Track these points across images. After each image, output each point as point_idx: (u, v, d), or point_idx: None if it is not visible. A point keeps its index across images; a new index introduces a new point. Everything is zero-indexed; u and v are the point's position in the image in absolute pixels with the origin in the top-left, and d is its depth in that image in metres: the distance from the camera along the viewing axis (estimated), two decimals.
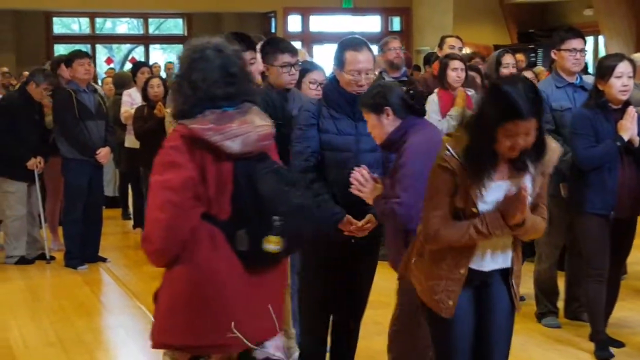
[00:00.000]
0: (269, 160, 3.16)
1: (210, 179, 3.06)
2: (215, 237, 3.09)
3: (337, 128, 4.37)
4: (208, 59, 3.15)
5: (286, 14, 19.15)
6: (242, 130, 3.06)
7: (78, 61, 8.03)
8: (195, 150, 3.06)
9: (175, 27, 21.22)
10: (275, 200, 3.05)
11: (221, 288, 3.09)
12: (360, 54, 4.37)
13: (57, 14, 19.76)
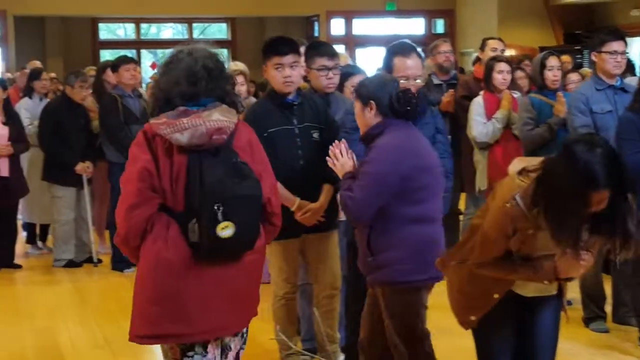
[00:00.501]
0: (223, 154, 3.20)
1: (165, 172, 3.17)
2: (170, 228, 3.18)
3: None
4: (177, 61, 3.32)
5: (329, 17, 19.16)
6: (192, 123, 3.14)
7: (124, 66, 8.12)
8: (152, 144, 3.20)
9: (219, 31, 21.33)
10: (216, 192, 3.11)
11: (174, 279, 3.16)
12: (409, 60, 4.39)
13: (103, 20, 19.98)
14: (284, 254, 4.85)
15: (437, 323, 4.39)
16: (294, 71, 4.72)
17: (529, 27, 17.47)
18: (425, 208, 3.98)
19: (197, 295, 3.18)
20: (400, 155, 3.94)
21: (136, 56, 18.87)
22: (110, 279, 7.95)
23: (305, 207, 4.70)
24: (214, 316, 3.22)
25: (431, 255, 3.87)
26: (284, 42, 4.84)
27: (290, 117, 4.77)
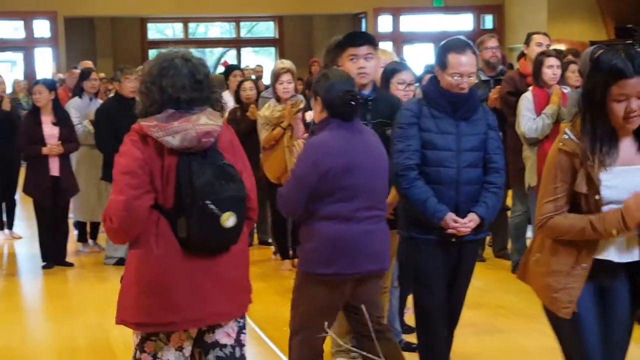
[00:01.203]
0: (212, 156, 3.39)
1: (157, 171, 3.36)
2: (160, 224, 3.37)
3: (438, 127, 4.37)
4: (177, 67, 3.46)
5: (376, 14, 19.13)
6: (182, 127, 3.34)
7: None
8: (145, 144, 3.38)
9: (266, 30, 21.41)
10: (205, 191, 3.30)
11: (162, 272, 3.36)
12: (463, 57, 4.35)
13: (152, 20, 20.18)
14: None
15: None
16: (368, 62, 4.69)
17: (579, 21, 17.26)
18: (341, 207, 4.10)
19: (186, 286, 3.38)
20: (321, 156, 4.08)
21: None
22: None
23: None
24: (205, 306, 3.41)
25: (338, 253, 4.09)
26: (360, 34, 4.89)
27: (363, 111, 4.64)
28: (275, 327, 6.16)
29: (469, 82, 4.39)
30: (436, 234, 4.36)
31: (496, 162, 4.44)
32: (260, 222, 9.24)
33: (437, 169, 4.35)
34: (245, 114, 8.74)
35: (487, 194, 4.41)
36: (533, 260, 3.50)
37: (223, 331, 3.52)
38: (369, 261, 4.17)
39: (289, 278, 7.71)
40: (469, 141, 4.38)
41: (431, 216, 4.30)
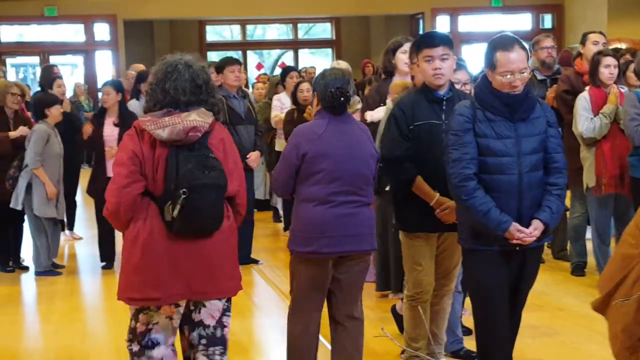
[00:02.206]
0: (198, 149, 3.79)
1: (148, 161, 3.78)
2: (150, 209, 3.79)
3: (495, 131, 4.14)
4: (179, 72, 3.89)
5: (434, 14, 19.03)
6: (171, 122, 3.75)
7: (229, 68, 8.20)
8: (141, 138, 3.81)
9: (323, 31, 21.43)
10: (187, 179, 3.72)
11: (149, 252, 3.78)
12: (512, 54, 4.13)
13: (210, 22, 20.33)
14: (420, 249, 4.78)
15: None
16: (444, 63, 4.65)
17: None
18: (318, 190, 4.48)
19: (170, 266, 3.79)
20: (301, 139, 4.54)
21: (242, 57, 19.14)
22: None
23: (445, 203, 4.60)
24: (185, 284, 3.82)
25: (316, 233, 4.47)
26: (436, 34, 4.85)
27: (438, 111, 4.67)
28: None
29: (522, 79, 4.15)
30: (499, 245, 4.17)
31: (558, 161, 4.23)
32: None
33: (497, 176, 4.13)
34: (302, 115, 8.76)
35: (551, 198, 4.19)
36: (615, 303, 3.20)
37: (207, 312, 3.94)
38: (347, 242, 4.50)
39: None
40: (529, 143, 4.16)
41: (495, 228, 4.10)
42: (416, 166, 4.65)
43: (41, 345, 6.10)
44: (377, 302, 6.78)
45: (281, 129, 9.27)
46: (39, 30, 18.71)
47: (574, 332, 5.83)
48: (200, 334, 3.96)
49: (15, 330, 6.60)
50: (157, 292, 3.79)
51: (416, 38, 4.93)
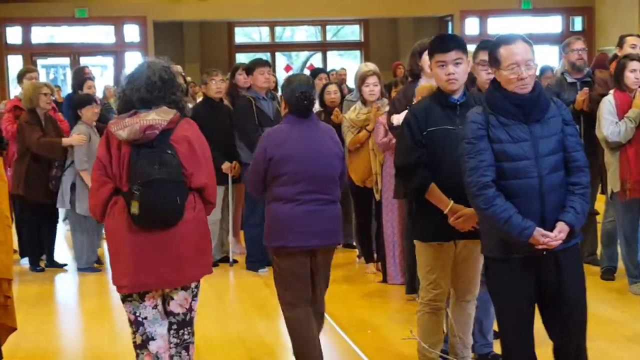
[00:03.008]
0: (157, 146, 4.09)
1: (115, 161, 4.12)
2: (118, 204, 4.14)
3: (510, 135, 4.01)
4: (139, 72, 4.21)
5: (463, 17, 18.96)
6: (131, 122, 4.07)
7: (259, 69, 8.23)
8: (109, 140, 4.16)
9: (352, 33, 21.42)
10: (139, 174, 4.04)
11: (121, 243, 4.16)
12: (514, 46, 4.02)
13: (239, 24, 20.38)
14: (435, 257, 4.69)
15: None
16: (457, 68, 4.52)
17: None
18: (286, 190, 4.88)
19: (138, 255, 4.12)
20: (268, 144, 4.95)
21: (270, 59, 19.16)
22: (245, 279, 8.07)
23: (459, 211, 4.49)
24: (151, 273, 4.14)
25: (284, 229, 4.89)
26: (448, 38, 4.76)
27: (452, 117, 4.56)
28: (359, 331, 6.16)
29: (530, 74, 4.01)
30: (524, 252, 4.02)
31: (578, 159, 4.09)
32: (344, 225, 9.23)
33: (517, 181, 4.00)
34: (330, 117, 8.76)
35: (574, 198, 4.04)
36: None
37: (176, 303, 4.31)
38: (314, 237, 4.92)
39: (373, 282, 7.71)
40: (547, 144, 4.01)
41: (518, 235, 3.96)
42: (430, 173, 4.55)
43: (70, 345, 6.15)
44: (404, 304, 6.78)
45: None
46: (69, 32, 18.84)
47: (603, 337, 5.78)
48: (171, 321, 4.35)
49: (46, 330, 6.66)
50: (126, 279, 4.18)
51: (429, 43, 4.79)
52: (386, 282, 7.50)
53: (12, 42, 18.33)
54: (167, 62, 4.32)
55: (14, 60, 18.34)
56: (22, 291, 7.60)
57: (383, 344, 5.89)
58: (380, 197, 7.48)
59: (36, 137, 8.19)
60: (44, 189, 8.28)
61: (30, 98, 8.37)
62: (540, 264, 4.09)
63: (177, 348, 4.40)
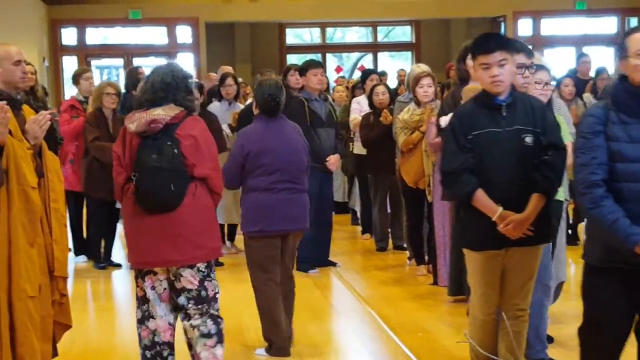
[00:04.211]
0: (160, 138, 4.53)
1: (127, 151, 4.60)
2: (129, 190, 4.59)
3: (629, 135, 3.76)
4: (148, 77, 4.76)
5: (516, 17, 18.78)
6: (139, 117, 4.56)
7: (312, 71, 8.23)
8: (125, 133, 4.64)
9: (403, 34, 21.34)
10: (137, 163, 4.52)
11: (131, 224, 4.66)
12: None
13: (290, 25, 20.42)
14: (484, 267, 4.51)
15: None
16: (502, 69, 4.36)
17: None
18: (262, 180, 5.50)
19: (142, 236, 4.58)
20: (245, 141, 5.62)
21: (321, 60, 19.18)
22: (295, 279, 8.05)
23: (508, 217, 4.33)
24: (153, 252, 4.57)
25: (261, 215, 5.54)
26: (491, 38, 4.54)
27: (498, 119, 4.40)
28: (410, 333, 6.12)
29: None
30: (629, 263, 3.76)
31: None
32: (395, 227, 9.21)
33: (628, 184, 3.73)
34: (379, 118, 8.74)
35: None
36: None
37: (186, 279, 4.62)
38: (287, 222, 5.62)
39: (424, 284, 7.66)
40: None
41: (623, 240, 3.68)
42: (477, 178, 4.37)
43: (123, 342, 6.20)
44: (451, 307, 6.74)
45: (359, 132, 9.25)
46: (123, 33, 19.03)
47: None
48: (186, 296, 4.64)
49: (99, 327, 6.75)
50: (133, 257, 4.71)
51: (473, 41, 4.63)
52: (437, 284, 7.45)
53: (67, 43, 18.57)
54: (175, 66, 4.83)
55: (69, 61, 18.57)
56: (76, 289, 7.69)
57: (435, 347, 5.85)
58: (432, 199, 7.43)
59: (91, 139, 8.29)
60: (107, 186, 8.37)
61: (95, 99, 8.50)
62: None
63: (202, 318, 4.66)
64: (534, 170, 4.33)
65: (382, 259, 8.89)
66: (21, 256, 4.29)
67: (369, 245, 9.51)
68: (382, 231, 9.24)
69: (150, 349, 4.71)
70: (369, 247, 9.46)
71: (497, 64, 4.36)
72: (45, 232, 4.52)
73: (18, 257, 4.28)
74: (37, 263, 4.40)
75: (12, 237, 4.27)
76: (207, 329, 4.66)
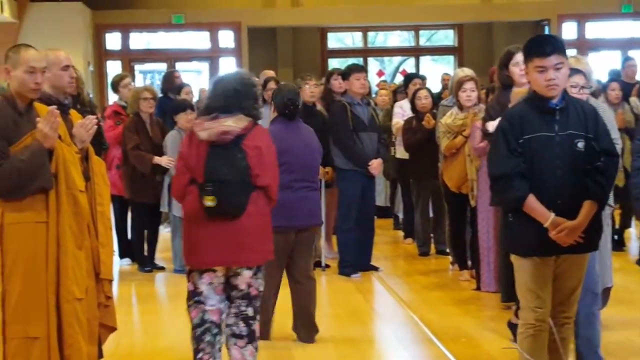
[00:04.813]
0: (231, 149, 4.77)
1: (194, 155, 4.81)
2: (194, 193, 4.81)
3: None
4: (220, 83, 4.94)
5: (560, 21, 18.61)
6: (210, 126, 4.77)
7: (355, 75, 8.23)
8: (193, 137, 4.85)
9: (446, 38, 21.26)
10: (211, 173, 4.74)
11: (193, 226, 4.87)
12: None
13: (332, 29, 20.45)
14: (535, 274, 4.38)
15: None
16: (558, 73, 4.26)
17: None
18: (282, 178, 5.36)
19: (205, 239, 4.80)
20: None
21: (363, 64, 19.16)
22: (337, 283, 8.08)
23: (560, 224, 4.23)
24: (217, 254, 4.82)
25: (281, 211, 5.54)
26: (547, 41, 4.40)
27: (551, 123, 4.31)
28: (453, 339, 6.09)
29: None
30: None
31: None
32: (437, 231, 9.18)
33: None
34: (421, 122, 8.71)
35: None
36: None
37: (241, 280, 4.90)
38: (303, 218, 6.01)
39: (467, 289, 7.62)
40: None
41: None
42: (528, 184, 4.27)
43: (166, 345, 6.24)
44: (499, 312, 6.68)
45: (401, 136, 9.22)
46: (166, 38, 19.18)
47: None
48: (236, 294, 4.93)
49: (144, 329, 6.81)
50: (193, 257, 4.89)
51: (526, 43, 4.47)
52: (480, 289, 7.40)
53: (111, 48, 18.77)
54: (245, 74, 5.06)
55: (113, 66, 18.77)
56: (120, 292, 7.76)
57: (478, 353, 5.81)
58: (475, 204, 7.39)
59: (130, 147, 8.34)
60: (150, 191, 8.48)
61: (132, 104, 8.56)
62: None
63: (235, 318, 4.95)
64: (585, 176, 4.25)
65: (424, 264, 8.86)
66: (69, 259, 4.35)
67: (411, 250, 9.48)
68: (424, 236, 9.21)
69: (200, 326, 4.93)
70: (411, 252, 9.43)
71: (554, 67, 4.26)
72: (91, 235, 4.57)
73: (66, 260, 4.33)
74: (85, 266, 4.46)
75: (61, 240, 4.33)
76: (238, 330, 4.94)
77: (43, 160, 4.26)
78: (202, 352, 4.91)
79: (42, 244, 4.29)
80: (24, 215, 4.28)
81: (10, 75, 4.38)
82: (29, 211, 4.28)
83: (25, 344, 4.29)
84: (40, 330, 4.29)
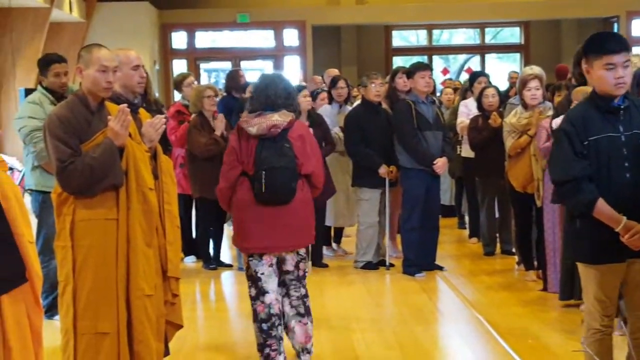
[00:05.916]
0: (279, 141, 5.23)
1: (244, 149, 5.24)
2: (244, 184, 5.25)
3: None
4: (271, 84, 5.31)
5: (630, 17, 18.31)
6: (259, 121, 5.22)
7: (419, 73, 8.18)
8: (241, 133, 5.28)
9: (512, 35, 21.08)
10: (264, 162, 5.18)
11: (245, 213, 5.26)
12: None
13: (396, 27, 20.41)
14: (602, 281, 4.24)
15: None
16: (626, 71, 4.13)
17: None
18: None
19: (257, 224, 5.23)
20: None
21: (427, 62, 19.08)
22: (401, 283, 8.06)
23: (633, 228, 4.06)
24: (269, 239, 5.24)
25: None
26: (614, 38, 4.25)
27: (615, 123, 4.17)
28: (519, 339, 6.04)
29: None
30: None
31: None
32: (503, 231, 9.10)
33: None
34: (487, 121, 8.64)
35: None
36: None
37: (289, 263, 5.38)
38: None
39: (533, 289, 7.54)
40: None
41: None
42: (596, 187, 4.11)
43: (232, 341, 6.29)
44: (566, 314, 6.60)
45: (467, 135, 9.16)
46: (231, 37, 19.36)
47: None
48: (288, 277, 5.41)
49: (209, 326, 6.87)
50: (250, 242, 5.28)
51: (589, 40, 4.32)
52: (546, 290, 7.31)
53: (177, 47, 19.00)
54: (285, 76, 5.52)
55: (179, 64, 19.00)
56: (186, 289, 7.83)
57: (545, 354, 5.75)
58: (541, 203, 7.31)
59: (204, 142, 8.40)
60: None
61: (195, 102, 8.63)
62: None
63: (299, 300, 5.44)
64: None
65: (489, 264, 8.79)
66: (139, 256, 4.42)
67: (476, 250, 9.42)
68: (490, 235, 9.14)
69: (267, 321, 5.30)
70: (476, 252, 9.36)
71: (622, 65, 4.13)
72: (159, 233, 4.63)
73: (136, 257, 4.41)
74: (153, 263, 4.52)
75: (131, 237, 4.40)
76: (303, 310, 5.44)
77: (114, 157, 4.34)
78: (269, 347, 5.29)
79: (112, 241, 4.38)
80: (95, 212, 4.37)
81: (82, 74, 4.47)
82: (100, 208, 4.37)
83: (96, 340, 4.38)
84: (110, 326, 4.37)
